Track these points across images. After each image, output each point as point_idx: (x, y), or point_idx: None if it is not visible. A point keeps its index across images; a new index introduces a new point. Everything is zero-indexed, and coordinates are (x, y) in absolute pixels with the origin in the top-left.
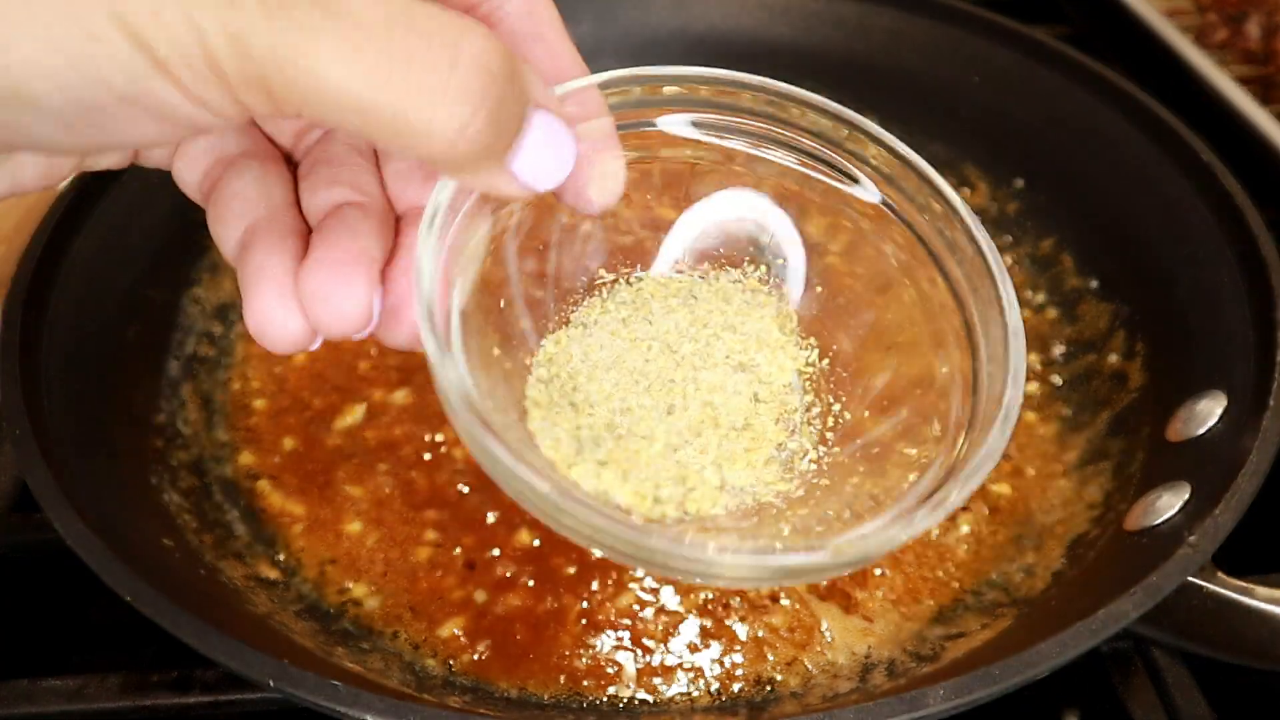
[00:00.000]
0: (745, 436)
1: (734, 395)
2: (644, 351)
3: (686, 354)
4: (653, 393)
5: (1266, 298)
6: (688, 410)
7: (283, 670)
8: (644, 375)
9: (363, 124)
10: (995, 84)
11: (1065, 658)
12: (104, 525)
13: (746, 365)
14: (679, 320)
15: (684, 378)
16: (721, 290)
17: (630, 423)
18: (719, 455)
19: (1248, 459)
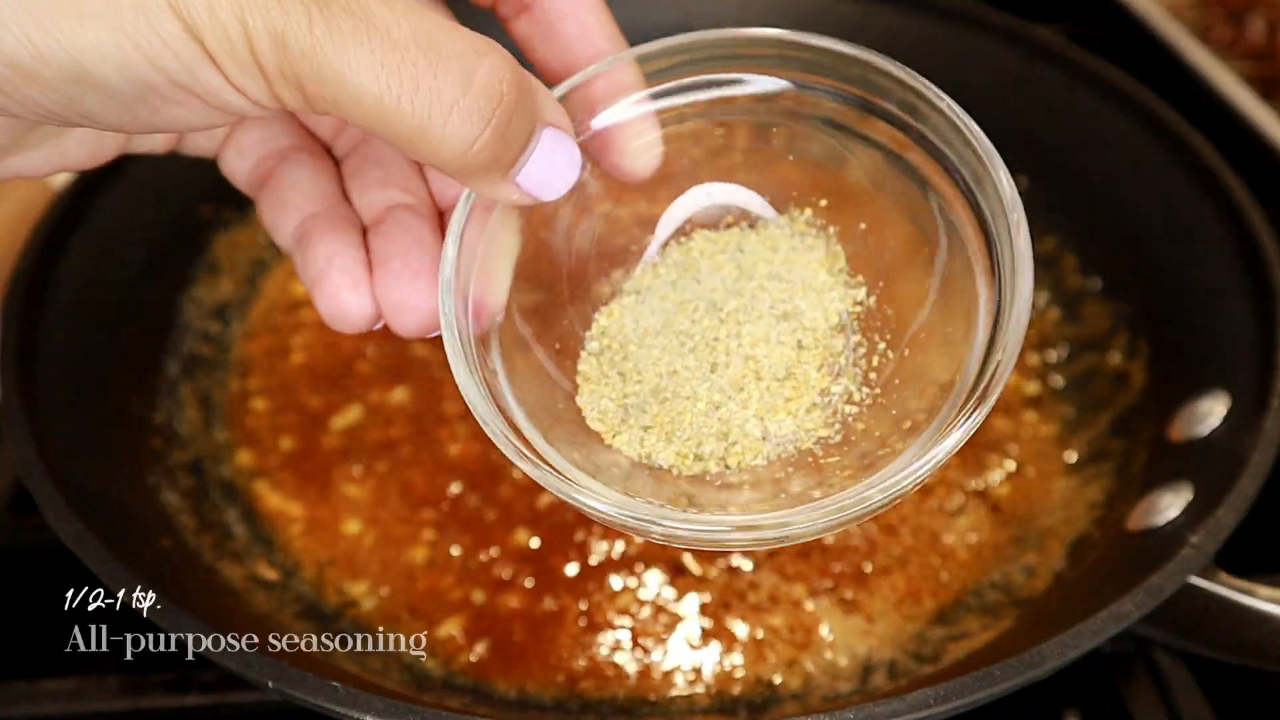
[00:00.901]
0: (787, 386)
1: (777, 346)
2: (690, 313)
3: (731, 310)
4: (697, 353)
5: (1268, 298)
6: (730, 367)
7: (282, 670)
8: (689, 337)
9: (382, 128)
10: (996, 83)
11: (1067, 658)
12: (102, 525)
13: (790, 314)
14: (725, 276)
15: (728, 334)
16: (769, 238)
17: (675, 385)
18: (761, 407)
19: (1250, 459)
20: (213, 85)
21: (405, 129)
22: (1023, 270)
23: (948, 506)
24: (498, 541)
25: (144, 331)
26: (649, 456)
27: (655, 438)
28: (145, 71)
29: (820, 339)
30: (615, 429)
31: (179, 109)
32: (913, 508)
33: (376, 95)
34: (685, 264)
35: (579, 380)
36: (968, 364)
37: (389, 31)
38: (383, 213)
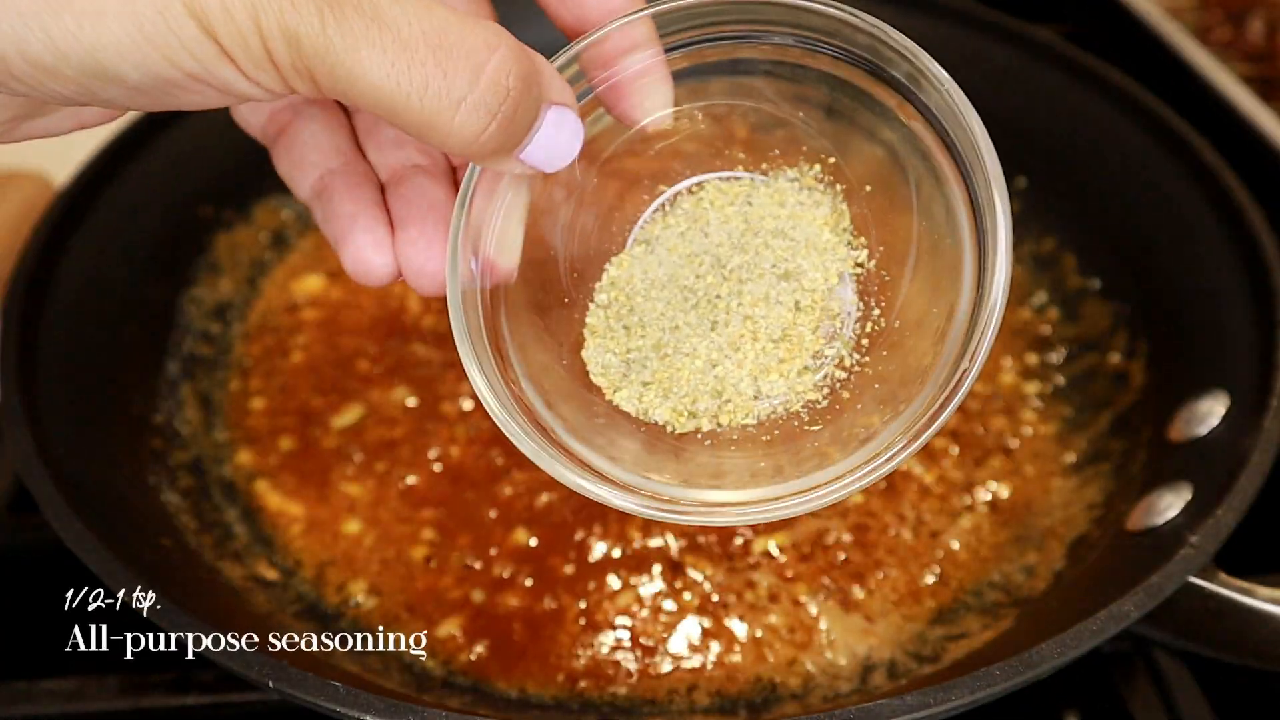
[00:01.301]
0: (782, 347)
1: (775, 305)
2: (696, 268)
3: (734, 267)
4: (699, 310)
5: (1268, 298)
6: (729, 325)
7: (282, 670)
8: (693, 293)
9: (392, 119)
10: (996, 83)
11: (1066, 658)
12: (102, 525)
13: (791, 273)
14: (733, 229)
15: (729, 292)
16: (778, 192)
17: (676, 341)
18: (755, 367)
19: (1249, 459)
20: (228, 79)
21: (415, 122)
22: (1000, 268)
23: (948, 506)
24: (497, 541)
25: (144, 331)
26: (646, 412)
27: (654, 394)
28: (163, 68)
29: (818, 300)
30: (616, 384)
31: (194, 95)
32: (912, 507)
33: (388, 92)
34: (695, 214)
35: (586, 334)
36: (947, 347)
37: (399, 31)
38: (399, 171)
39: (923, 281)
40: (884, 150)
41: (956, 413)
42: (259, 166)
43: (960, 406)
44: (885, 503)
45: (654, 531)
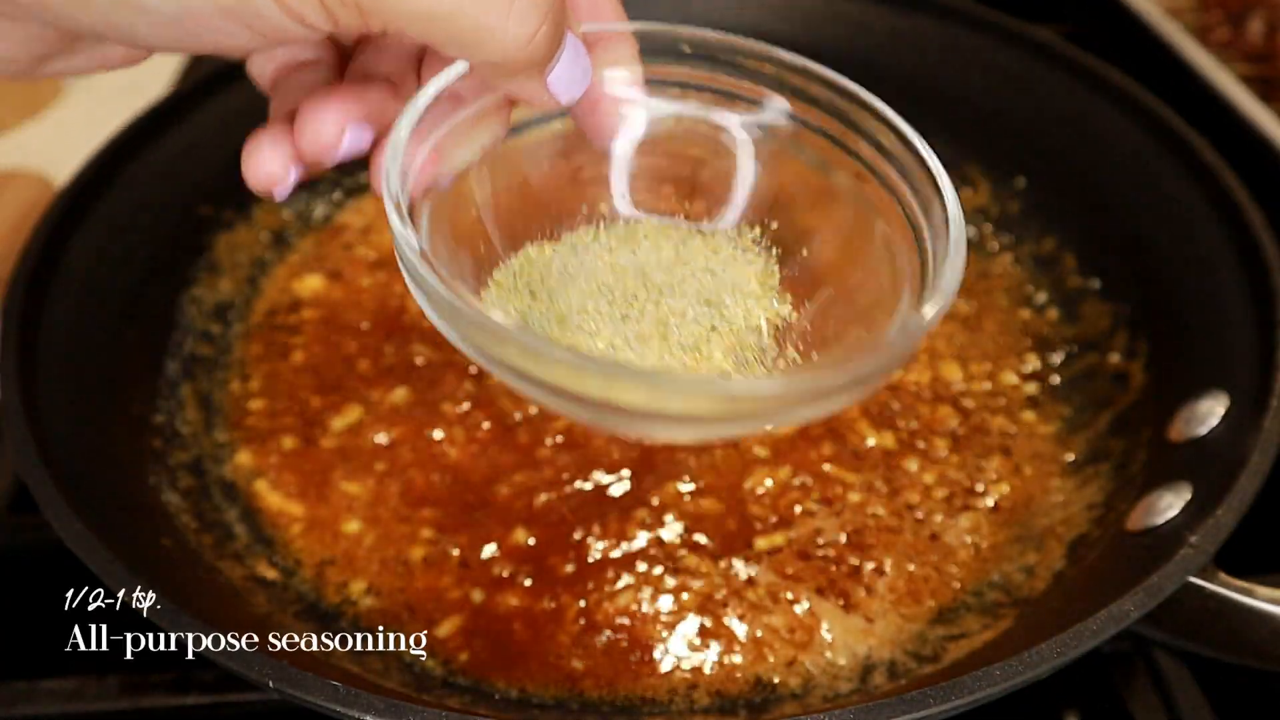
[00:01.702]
0: (690, 356)
1: (692, 323)
2: (618, 274)
3: (658, 282)
4: (613, 303)
5: (1268, 298)
6: (641, 322)
7: (283, 670)
8: (610, 290)
9: (442, 34)
10: (996, 83)
11: (1066, 658)
12: (102, 526)
13: (714, 302)
14: (663, 257)
15: (648, 297)
16: (713, 242)
17: (581, 320)
18: (658, 363)
19: (1249, 459)
20: (265, 13)
21: (467, 29)
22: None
23: (947, 506)
24: (496, 540)
25: (145, 331)
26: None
27: None
28: (197, 2)
29: (735, 330)
30: None
31: (224, 35)
32: (912, 507)
33: (438, 4)
34: (627, 237)
35: (490, 283)
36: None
37: None
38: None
39: (858, 331)
40: (832, 199)
41: (956, 412)
42: None
43: (955, 400)
44: (885, 503)
45: (654, 531)
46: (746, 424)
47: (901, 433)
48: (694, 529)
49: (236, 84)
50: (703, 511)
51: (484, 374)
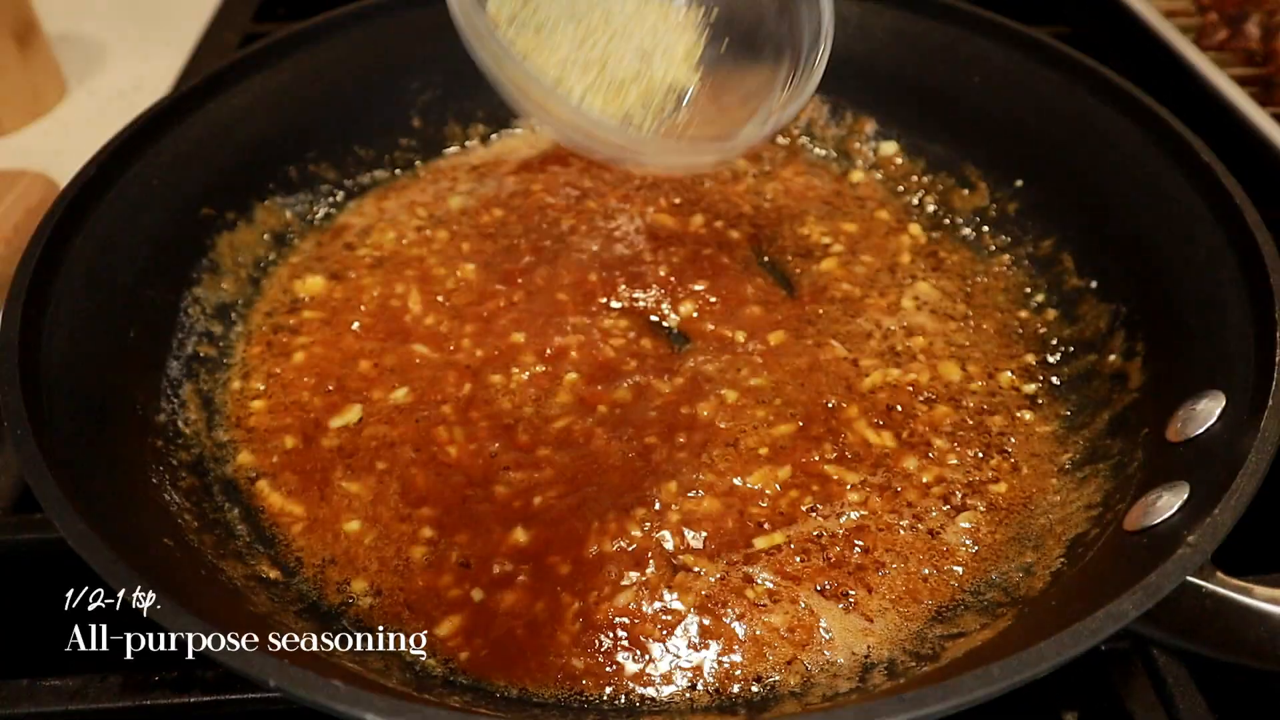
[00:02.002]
0: (614, 90)
1: (625, 66)
2: (592, 5)
3: (615, 25)
4: (578, 29)
5: (1266, 298)
6: (591, 51)
7: (283, 670)
8: (580, 17)
9: None
10: (995, 84)
11: (1065, 657)
12: (104, 525)
13: (646, 57)
14: (628, 6)
15: (603, 33)
16: (668, 9)
17: (550, 33)
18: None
19: (1247, 459)
20: None
21: None
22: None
23: (946, 506)
24: (496, 540)
25: (147, 331)
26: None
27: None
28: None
29: (651, 83)
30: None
31: None
32: (911, 507)
33: None
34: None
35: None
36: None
37: None
38: None
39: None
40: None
41: (955, 412)
42: (261, 167)
43: (954, 400)
44: (884, 502)
45: (654, 530)
46: (625, 154)
47: (901, 432)
48: (694, 529)
49: (237, 85)
50: (702, 511)
51: (483, 374)
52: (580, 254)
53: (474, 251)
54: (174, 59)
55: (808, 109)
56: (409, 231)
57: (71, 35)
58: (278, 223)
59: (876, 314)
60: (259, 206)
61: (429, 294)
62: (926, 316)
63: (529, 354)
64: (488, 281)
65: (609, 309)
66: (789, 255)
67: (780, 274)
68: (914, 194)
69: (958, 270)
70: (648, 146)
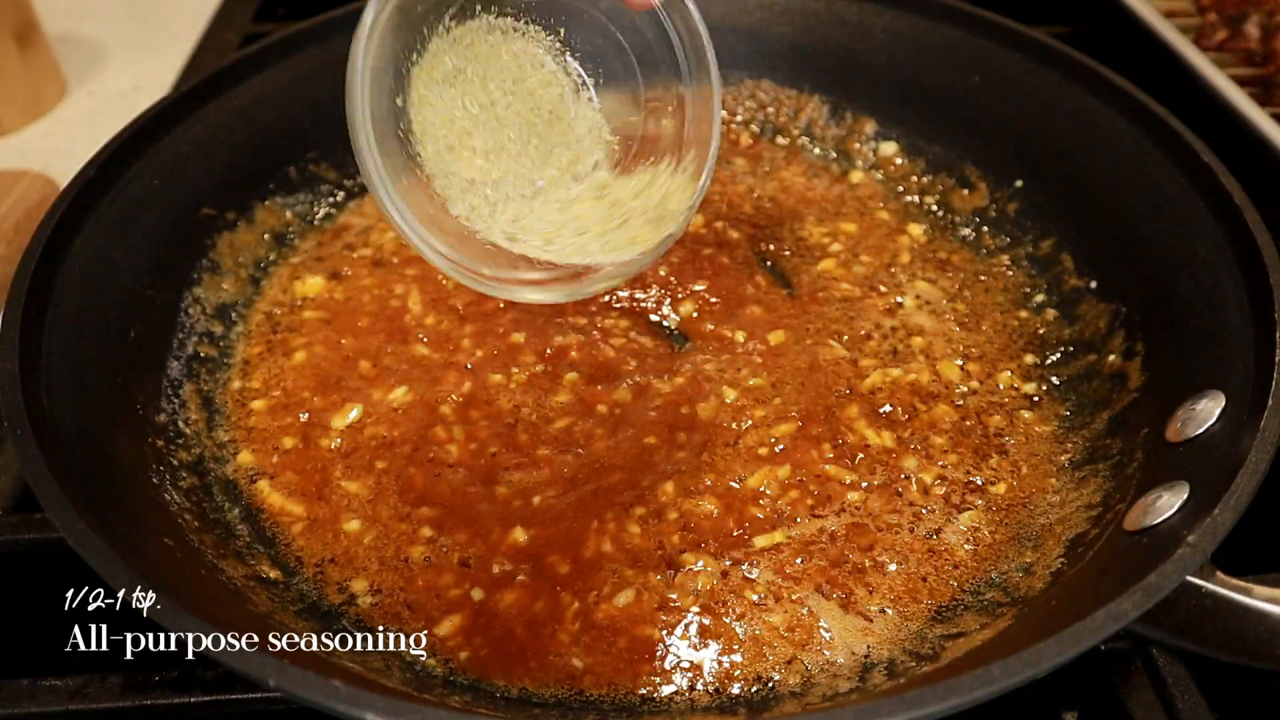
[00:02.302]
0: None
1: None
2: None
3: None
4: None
5: (1265, 298)
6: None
7: (283, 670)
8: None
9: None
10: (995, 84)
11: (1065, 657)
12: (105, 525)
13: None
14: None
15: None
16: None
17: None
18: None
19: (1246, 459)
20: None
21: None
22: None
23: (946, 505)
24: (495, 539)
25: (147, 331)
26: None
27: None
28: None
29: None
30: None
31: None
32: (911, 506)
33: None
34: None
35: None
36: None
37: None
38: None
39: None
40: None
41: (954, 412)
42: (261, 167)
43: (954, 400)
44: (884, 502)
45: (653, 530)
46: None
47: (900, 432)
48: (693, 528)
49: (237, 85)
50: (702, 511)
51: (483, 374)
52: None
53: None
54: (174, 59)
55: (807, 109)
56: None
57: (71, 35)
58: (278, 223)
59: (876, 314)
60: (259, 207)
61: (429, 294)
62: (926, 316)
63: (529, 354)
64: None
65: (609, 309)
66: (789, 255)
67: (780, 274)
68: (914, 194)
69: (957, 270)
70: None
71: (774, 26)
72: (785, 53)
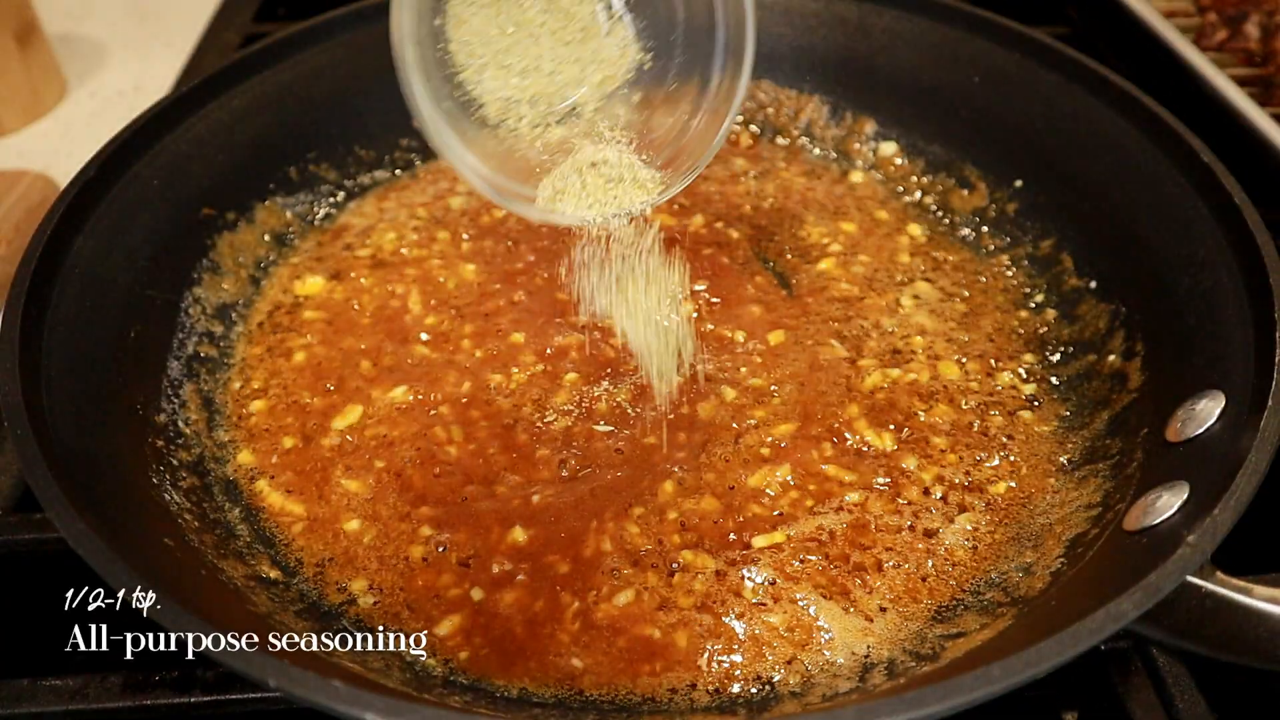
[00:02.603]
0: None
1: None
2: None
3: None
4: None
5: (1265, 298)
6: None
7: (283, 670)
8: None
9: None
10: (995, 84)
11: (1065, 657)
12: (105, 525)
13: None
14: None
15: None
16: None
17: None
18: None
19: (1246, 459)
20: None
21: None
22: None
23: (946, 505)
24: (495, 539)
25: (148, 331)
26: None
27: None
28: None
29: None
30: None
31: None
32: (911, 506)
33: None
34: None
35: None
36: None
37: None
38: None
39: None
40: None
41: (954, 412)
42: (261, 167)
43: (954, 399)
44: (884, 502)
45: (653, 530)
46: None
47: (900, 432)
48: (693, 528)
49: (237, 86)
50: (702, 510)
51: (483, 374)
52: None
53: (474, 251)
54: (174, 59)
55: (807, 109)
56: (409, 232)
57: (71, 35)
58: (278, 223)
59: (876, 314)
60: (259, 207)
61: (429, 294)
62: (926, 316)
63: (529, 354)
64: (488, 281)
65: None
66: (788, 255)
67: (780, 274)
68: (913, 194)
69: (957, 270)
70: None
71: (774, 26)
72: (785, 53)
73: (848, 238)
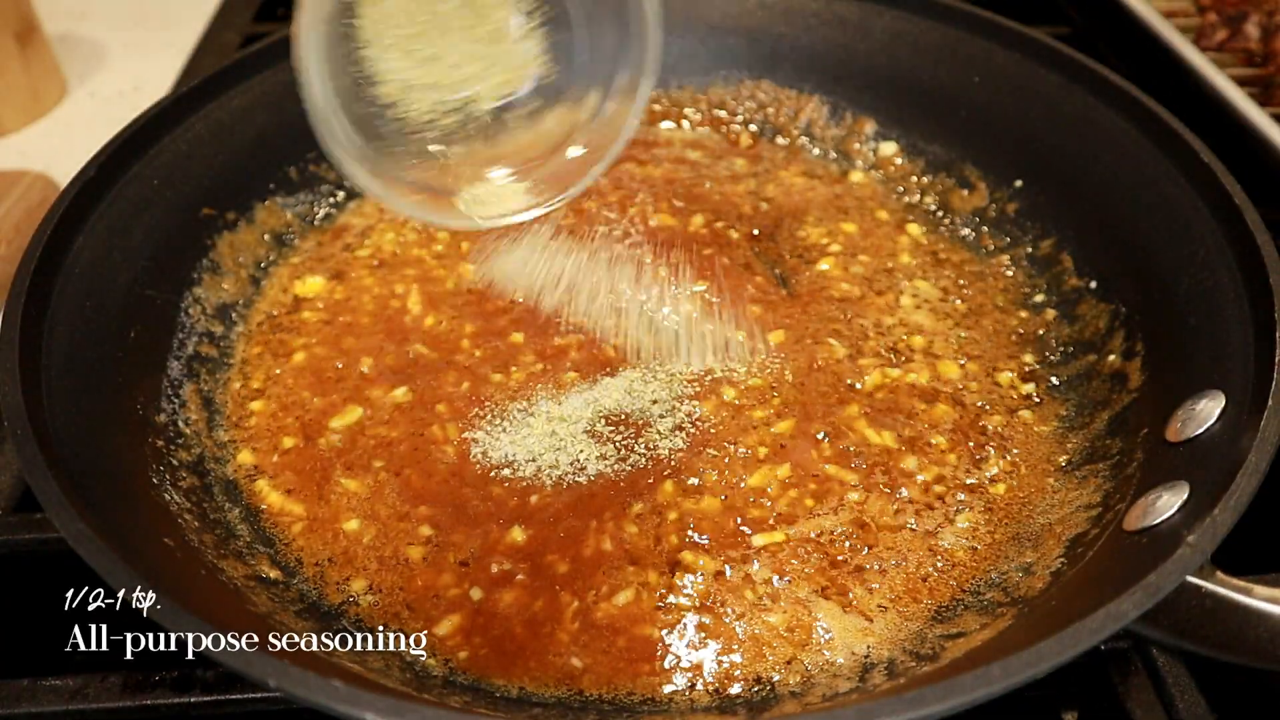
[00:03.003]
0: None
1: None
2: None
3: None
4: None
5: (1265, 298)
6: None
7: (283, 670)
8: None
9: None
10: (995, 84)
11: (1065, 657)
12: (105, 525)
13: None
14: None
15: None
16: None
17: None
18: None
19: (1246, 459)
20: None
21: None
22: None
23: (946, 505)
24: (494, 539)
25: (148, 331)
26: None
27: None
28: None
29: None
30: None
31: None
32: (911, 505)
33: None
34: None
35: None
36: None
37: None
38: None
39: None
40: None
41: (954, 411)
42: (261, 167)
43: (953, 399)
44: (884, 502)
45: (652, 529)
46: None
47: (900, 432)
48: (692, 528)
49: (237, 85)
50: (701, 510)
51: (483, 374)
52: (580, 253)
53: (474, 251)
54: (174, 59)
55: (807, 109)
56: (409, 232)
57: (71, 35)
58: (278, 223)
59: (876, 314)
60: (259, 206)
61: (429, 294)
62: (926, 316)
63: (529, 354)
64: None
65: (609, 309)
66: (788, 255)
67: (780, 274)
68: (913, 194)
69: (957, 270)
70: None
71: (774, 26)
72: (785, 53)
73: (847, 238)
